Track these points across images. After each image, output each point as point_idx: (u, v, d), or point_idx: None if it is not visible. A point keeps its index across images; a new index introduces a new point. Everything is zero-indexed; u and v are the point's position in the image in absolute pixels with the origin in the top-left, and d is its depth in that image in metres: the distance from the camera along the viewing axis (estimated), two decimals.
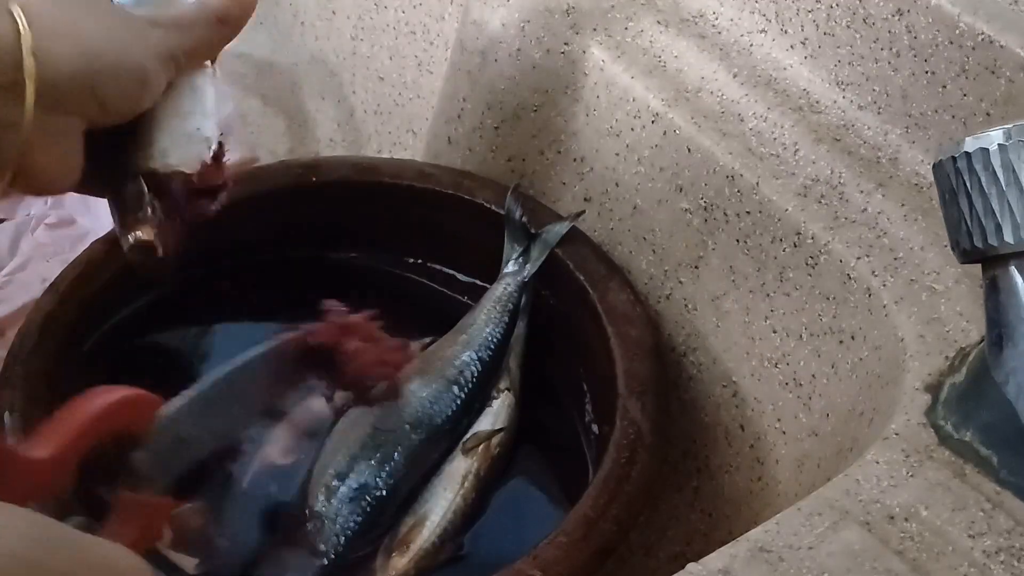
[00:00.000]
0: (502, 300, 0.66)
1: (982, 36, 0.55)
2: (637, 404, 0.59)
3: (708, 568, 0.41)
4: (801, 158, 0.61)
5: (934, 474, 0.45)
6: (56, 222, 0.97)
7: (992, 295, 0.44)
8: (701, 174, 0.63)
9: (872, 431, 0.50)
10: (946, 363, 0.50)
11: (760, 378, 0.62)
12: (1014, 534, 0.42)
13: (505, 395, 0.64)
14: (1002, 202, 0.42)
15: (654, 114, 0.65)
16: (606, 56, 0.67)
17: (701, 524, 0.68)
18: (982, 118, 0.56)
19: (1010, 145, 0.42)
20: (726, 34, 0.68)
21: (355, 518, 0.57)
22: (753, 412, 0.63)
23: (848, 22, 0.61)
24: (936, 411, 0.47)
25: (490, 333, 0.65)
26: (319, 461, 0.59)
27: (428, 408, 0.61)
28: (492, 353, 0.65)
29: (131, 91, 0.48)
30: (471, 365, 0.64)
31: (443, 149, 0.75)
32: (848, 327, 0.56)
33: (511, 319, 0.66)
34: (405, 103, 0.86)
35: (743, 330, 0.63)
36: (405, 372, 0.63)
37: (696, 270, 0.65)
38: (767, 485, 0.63)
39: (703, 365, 0.66)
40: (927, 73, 0.58)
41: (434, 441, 0.61)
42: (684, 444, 0.68)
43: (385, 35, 0.85)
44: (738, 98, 0.64)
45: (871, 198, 0.58)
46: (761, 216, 0.60)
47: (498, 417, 0.63)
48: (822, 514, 0.43)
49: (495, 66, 0.71)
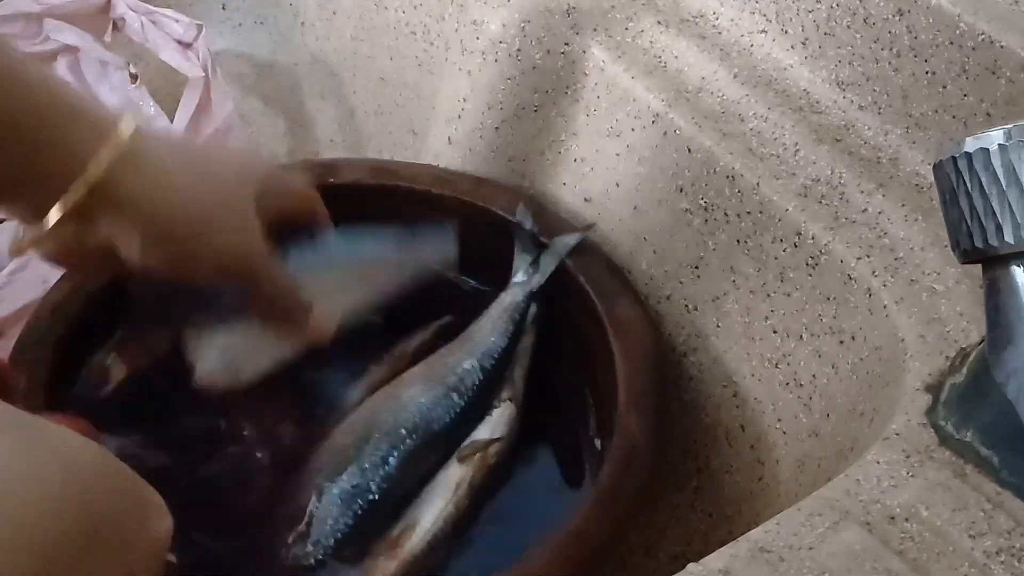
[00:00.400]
0: (509, 309, 0.66)
1: (982, 36, 0.55)
2: (636, 420, 0.59)
3: (708, 568, 0.41)
4: (801, 158, 0.61)
5: (934, 474, 0.45)
6: None
7: (992, 295, 0.44)
8: (701, 174, 0.63)
9: (872, 431, 0.50)
10: (946, 363, 0.50)
11: (760, 378, 0.62)
12: (1014, 534, 0.42)
13: (506, 405, 0.64)
14: (1002, 202, 0.42)
15: (654, 114, 0.65)
16: (606, 56, 0.67)
17: (701, 524, 0.68)
18: (982, 118, 0.56)
19: (1010, 145, 0.42)
20: (726, 34, 0.68)
21: (346, 520, 0.57)
22: (753, 412, 0.63)
23: (848, 22, 0.61)
24: (936, 411, 0.47)
25: (494, 342, 0.64)
26: (314, 461, 0.59)
27: (426, 413, 0.61)
28: (495, 362, 0.64)
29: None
30: (472, 373, 0.63)
31: (443, 149, 0.75)
32: (848, 327, 0.56)
33: (517, 329, 0.66)
34: (405, 103, 0.86)
35: (743, 330, 0.63)
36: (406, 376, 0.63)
37: (696, 270, 0.65)
38: (767, 485, 0.63)
39: (703, 365, 0.66)
40: (927, 73, 0.58)
41: (430, 447, 0.61)
42: (684, 444, 0.68)
43: (385, 35, 0.85)
44: (738, 98, 0.64)
45: (871, 198, 0.58)
46: (761, 216, 0.60)
47: (497, 427, 0.63)
48: (822, 514, 0.43)
49: (495, 66, 0.71)
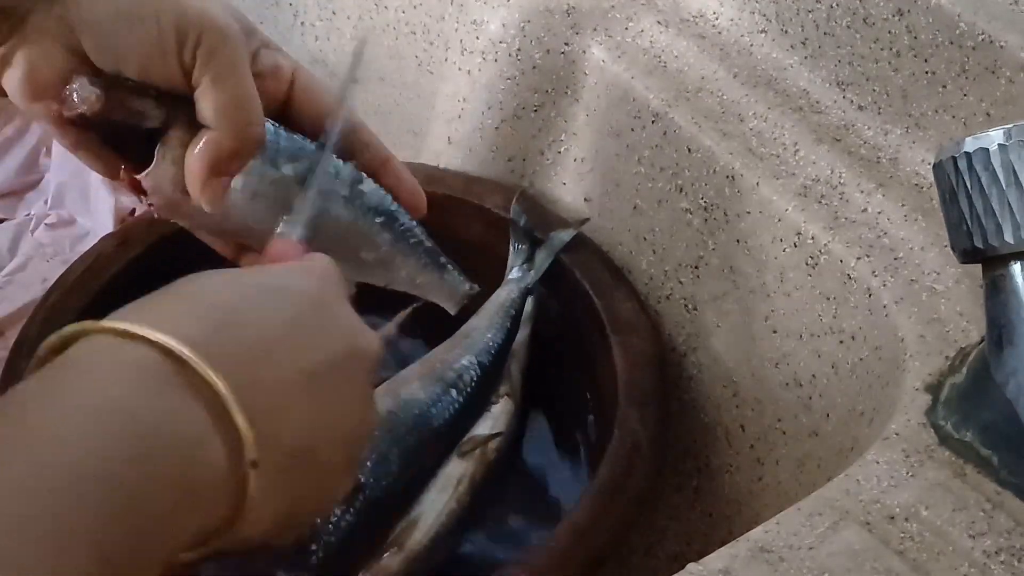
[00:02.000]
0: (505, 306, 0.66)
1: (982, 36, 0.55)
2: (637, 415, 0.59)
3: (708, 568, 0.41)
4: (801, 158, 0.61)
5: (934, 474, 0.45)
6: (56, 222, 0.97)
7: (992, 295, 0.44)
8: (701, 174, 0.63)
9: (872, 431, 0.50)
10: (946, 363, 0.50)
11: (760, 378, 0.62)
12: (1014, 534, 0.42)
13: (505, 400, 0.64)
14: (1002, 202, 0.42)
15: (654, 114, 0.65)
16: (606, 56, 0.67)
17: (701, 524, 0.68)
18: (982, 118, 0.56)
19: (1010, 145, 0.42)
20: (726, 34, 0.68)
21: (347, 517, 0.57)
22: (753, 412, 0.63)
23: (848, 22, 0.61)
24: (936, 411, 0.47)
25: (491, 338, 0.65)
26: None
27: (426, 410, 0.61)
28: (492, 358, 0.64)
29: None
30: (470, 369, 0.63)
31: (443, 149, 0.75)
32: (848, 327, 0.56)
33: (513, 325, 0.66)
34: (405, 103, 0.86)
35: (743, 330, 0.63)
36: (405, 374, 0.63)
37: (696, 270, 0.65)
38: (767, 485, 0.63)
39: (703, 365, 0.66)
40: (927, 73, 0.58)
41: (431, 443, 0.61)
42: (684, 444, 0.68)
43: (385, 35, 0.85)
44: (738, 98, 0.64)
45: (871, 198, 0.58)
46: (761, 216, 0.60)
47: (496, 422, 0.63)
48: (822, 514, 0.43)
49: (495, 66, 0.71)
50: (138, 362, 0.32)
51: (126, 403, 0.31)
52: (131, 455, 0.30)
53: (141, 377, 0.32)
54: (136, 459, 0.30)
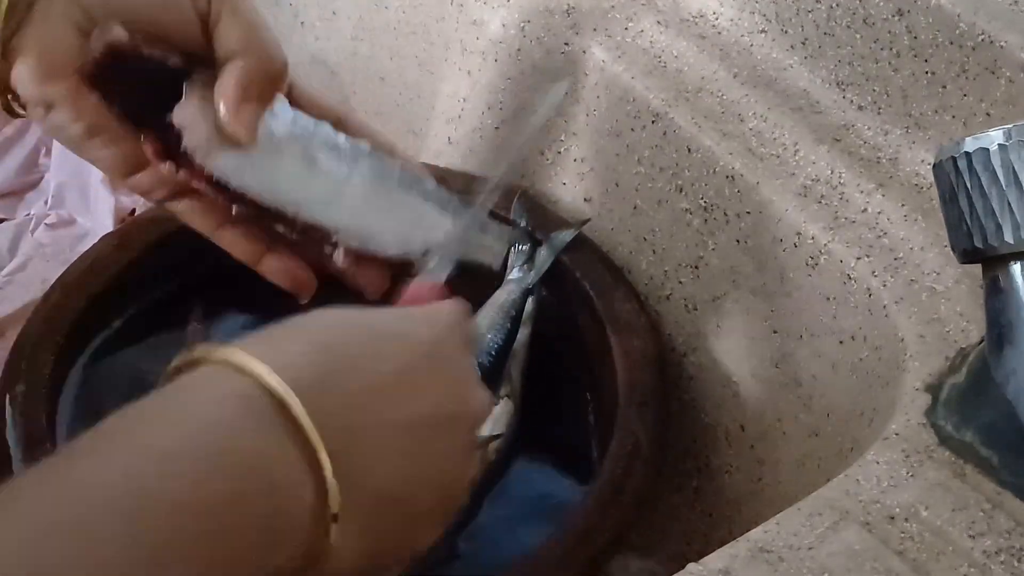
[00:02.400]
0: (504, 306, 0.66)
1: (982, 36, 0.55)
2: (637, 415, 0.59)
3: (708, 568, 0.41)
4: (801, 158, 0.61)
5: (934, 474, 0.45)
6: (56, 222, 0.97)
7: (992, 295, 0.44)
8: (701, 174, 0.63)
9: (872, 431, 0.50)
10: (946, 363, 0.50)
11: (760, 378, 0.62)
12: (1014, 534, 0.42)
13: (504, 402, 0.64)
14: (1002, 202, 0.42)
15: (654, 114, 0.65)
16: (606, 56, 0.67)
17: (701, 524, 0.68)
18: (982, 118, 0.56)
19: (1010, 145, 0.42)
20: (726, 34, 0.68)
21: None
22: (753, 412, 0.63)
23: (848, 22, 0.61)
24: (936, 411, 0.47)
25: (491, 339, 0.65)
26: None
27: None
28: (492, 359, 0.64)
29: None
30: None
31: (443, 149, 0.75)
32: (848, 327, 0.56)
33: (513, 325, 0.66)
34: (405, 103, 0.86)
35: (743, 330, 0.63)
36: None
37: (696, 270, 0.65)
38: (768, 485, 0.63)
39: (703, 365, 0.66)
40: (927, 73, 0.58)
41: None
42: (684, 444, 0.68)
43: (385, 35, 0.85)
44: (738, 98, 0.64)
45: (871, 198, 0.58)
46: (761, 216, 0.60)
47: (496, 423, 0.63)
48: (822, 514, 0.43)
49: (495, 66, 0.71)
50: (247, 394, 0.33)
51: (230, 439, 0.32)
52: (229, 495, 0.31)
53: (247, 412, 0.33)
54: (233, 499, 0.31)
